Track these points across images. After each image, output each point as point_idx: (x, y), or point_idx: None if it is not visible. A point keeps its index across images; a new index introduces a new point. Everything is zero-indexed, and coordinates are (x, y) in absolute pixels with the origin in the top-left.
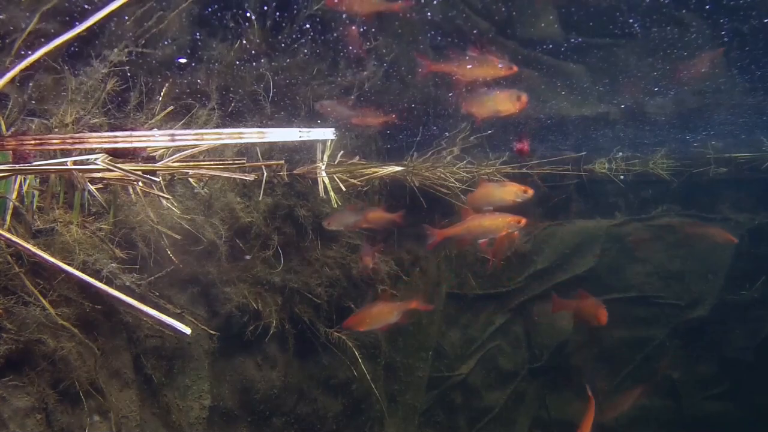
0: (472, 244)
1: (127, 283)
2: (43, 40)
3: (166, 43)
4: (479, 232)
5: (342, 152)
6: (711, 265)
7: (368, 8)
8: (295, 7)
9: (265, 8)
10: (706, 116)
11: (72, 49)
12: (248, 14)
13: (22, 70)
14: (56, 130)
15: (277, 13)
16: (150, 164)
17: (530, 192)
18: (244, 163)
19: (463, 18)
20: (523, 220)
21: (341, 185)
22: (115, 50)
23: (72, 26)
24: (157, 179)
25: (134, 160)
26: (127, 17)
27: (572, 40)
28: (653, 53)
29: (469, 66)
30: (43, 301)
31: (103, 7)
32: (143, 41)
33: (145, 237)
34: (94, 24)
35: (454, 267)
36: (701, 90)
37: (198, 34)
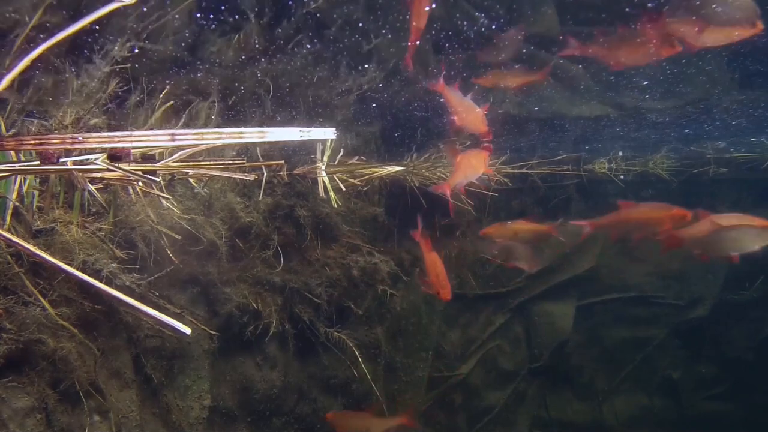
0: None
1: (127, 283)
2: (42, 36)
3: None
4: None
5: (342, 152)
6: (711, 265)
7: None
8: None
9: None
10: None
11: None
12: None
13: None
14: (56, 131)
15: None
16: (150, 164)
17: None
18: (244, 163)
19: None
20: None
21: (341, 185)
22: (116, 46)
23: (75, 20)
24: (157, 179)
25: (126, 161)
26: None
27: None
28: None
29: None
30: (43, 301)
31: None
32: (145, 36)
33: (145, 237)
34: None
35: (454, 267)
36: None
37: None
